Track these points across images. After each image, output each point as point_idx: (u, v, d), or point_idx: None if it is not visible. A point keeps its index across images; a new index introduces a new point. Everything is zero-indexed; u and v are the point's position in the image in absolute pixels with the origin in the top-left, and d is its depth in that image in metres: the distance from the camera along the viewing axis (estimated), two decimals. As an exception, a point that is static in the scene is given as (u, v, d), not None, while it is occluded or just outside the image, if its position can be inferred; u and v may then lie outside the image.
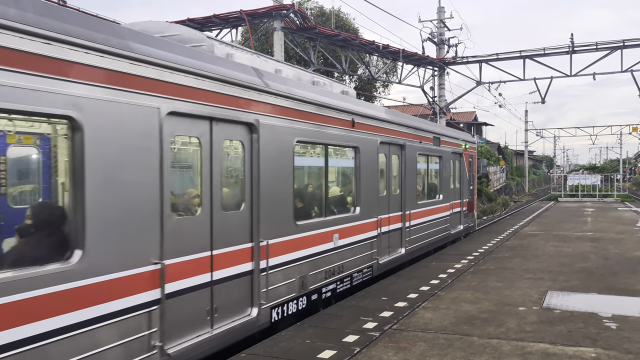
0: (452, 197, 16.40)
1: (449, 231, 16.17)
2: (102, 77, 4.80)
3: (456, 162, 17.13)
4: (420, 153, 13.65)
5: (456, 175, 17.14)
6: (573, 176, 54.67)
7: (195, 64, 5.97)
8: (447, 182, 15.94)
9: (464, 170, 18.07)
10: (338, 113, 9.36)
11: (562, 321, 7.73)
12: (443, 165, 15.47)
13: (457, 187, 17.25)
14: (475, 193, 20.00)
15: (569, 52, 26.28)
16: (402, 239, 12.37)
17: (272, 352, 6.52)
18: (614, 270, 11.71)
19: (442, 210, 15.36)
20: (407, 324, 7.67)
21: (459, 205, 17.35)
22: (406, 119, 13.07)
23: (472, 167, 19.30)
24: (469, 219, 18.78)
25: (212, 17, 19.26)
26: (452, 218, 16.35)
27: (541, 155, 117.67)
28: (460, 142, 17.65)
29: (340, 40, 22.44)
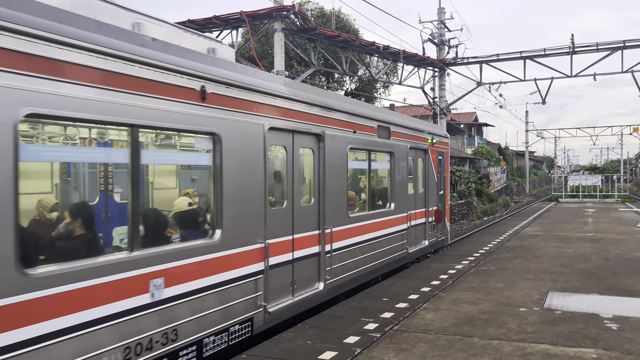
0: (411, 205, 12.91)
1: (406, 249, 12.62)
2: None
3: (418, 160, 13.76)
4: (355, 147, 10.09)
5: (418, 177, 13.79)
6: (574, 177, 54.65)
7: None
8: (402, 186, 12.41)
9: (431, 170, 14.62)
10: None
11: (563, 322, 7.73)
12: (396, 164, 11.97)
13: (421, 193, 13.92)
14: (447, 199, 16.66)
15: (570, 52, 26.28)
16: (321, 269, 8.83)
17: (273, 353, 6.53)
18: (615, 271, 11.71)
19: (395, 224, 11.93)
20: (408, 325, 7.67)
21: (423, 216, 13.94)
22: (326, 97, 9.30)
23: (443, 166, 16.04)
24: (438, 231, 15.19)
25: (212, 18, 19.28)
26: (411, 232, 12.87)
27: (542, 155, 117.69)
28: (426, 136, 14.17)
29: (340, 41, 22.45)
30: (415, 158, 13.47)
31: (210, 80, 6.29)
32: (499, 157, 63.22)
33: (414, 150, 13.37)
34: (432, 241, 14.64)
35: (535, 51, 27.13)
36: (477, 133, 68.82)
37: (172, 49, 5.88)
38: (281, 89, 7.87)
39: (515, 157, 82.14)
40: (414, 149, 13.35)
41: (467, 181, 43.46)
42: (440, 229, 15.48)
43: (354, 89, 36.31)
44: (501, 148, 72.06)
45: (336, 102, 9.51)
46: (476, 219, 37.20)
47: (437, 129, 16.36)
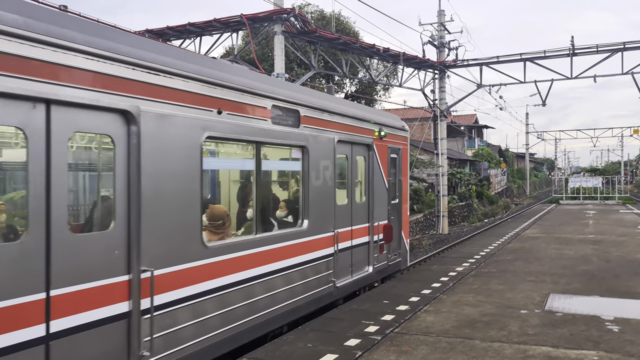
0: (341, 221, 9.50)
1: (333, 283, 9.16)
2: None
3: (356, 159, 10.26)
4: (222, 137, 6.72)
5: (356, 182, 10.31)
6: (574, 179, 54.64)
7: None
8: (324, 195, 8.96)
9: (378, 173, 11.05)
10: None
11: (564, 324, 7.71)
12: (312, 164, 8.54)
13: (361, 203, 10.41)
14: (405, 210, 12.81)
15: (570, 54, 26.26)
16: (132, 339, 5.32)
17: (274, 356, 6.51)
18: (616, 273, 11.70)
19: (309, 249, 8.50)
20: (409, 327, 7.65)
21: (365, 233, 10.40)
22: (149, 51, 5.72)
23: (399, 167, 12.29)
24: (390, 252, 11.53)
25: (212, 22, 19.28)
26: (341, 259, 9.43)
27: (542, 157, 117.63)
28: (370, 126, 10.69)
29: (340, 43, 22.46)
30: (350, 156, 9.91)
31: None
32: (500, 159, 63.23)
33: (348, 146, 9.78)
34: (379, 266, 10.93)
35: (535, 53, 27.12)
36: (478, 135, 68.82)
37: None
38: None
39: (515, 159, 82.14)
40: (348, 144, 9.76)
41: (467, 183, 43.45)
42: (394, 249, 11.81)
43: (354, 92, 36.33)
44: (501, 150, 72.06)
45: (170, 61, 5.84)
46: (477, 221, 37.19)
47: (389, 118, 12.10)
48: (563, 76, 27.48)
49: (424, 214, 32.06)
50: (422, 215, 31.71)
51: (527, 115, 74.91)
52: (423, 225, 31.37)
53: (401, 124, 12.72)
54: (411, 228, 29.46)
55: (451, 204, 36.06)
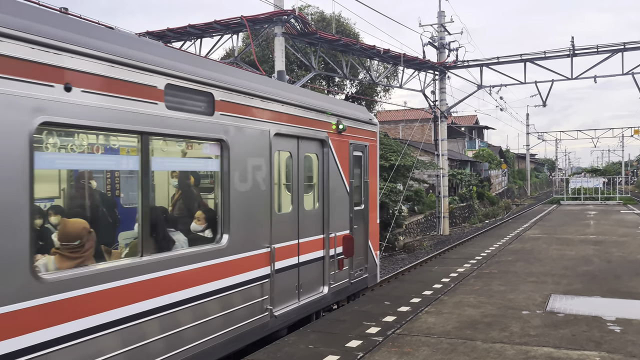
0: (280, 233, 7.67)
1: (269, 312, 7.33)
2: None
3: (303, 157, 8.46)
4: (93, 126, 5.01)
5: (302, 185, 8.46)
6: (575, 179, 54.63)
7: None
8: (255, 202, 7.14)
9: (336, 174, 9.28)
10: None
11: (566, 325, 7.70)
12: (235, 163, 6.73)
13: (313, 211, 8.71)
14: (374, 216, 10.96)
15: (570, 55, 26.27)
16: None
17: (275, 357, 6.51)
18: (617, 274, 11.68)
19: (232, 271, 6.67)
20: (411, 328, 7.65)
21: (318, 247, 8.74)
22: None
23: (366, 167, 10.50)
24: (353, 269, 9.87)
25: (212, 23, 19.29)
26: (279, 281, 7.60)
27: (543, 158, 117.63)
28: (325, 118, 8.94)
29: (341, 45, 22.47)
30: (296, 153, 8.14)
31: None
32: (500, 159, 63.22)
33: (292, 140, 8.03)
34: (337, 286, 9.24)
35: (536, 54, 27.14)
36: (478, 136, 68.83)
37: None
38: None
39: (516, 159, 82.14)
40: (292, 138, 8.01)
41: (468, 184, 43.45)
42: (359, 264, 10.12)
43: (354, 93, 36.35)
44: (502, 151, 72.05)
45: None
46: (478, 221, 37.18)
47: (352, 109, 10.41)
48: (563, 77, 27.49)
49: (425, 215, 32.06)
50: (422, 216, 31.71)
51: (527, 116, 74.97)
52: (424, 226, 31.37)
53: (368, 117, 10.78)
54: (412, 229, 29.44)
55: (452, 204, 36.06)
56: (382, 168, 24.69)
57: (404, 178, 26.34)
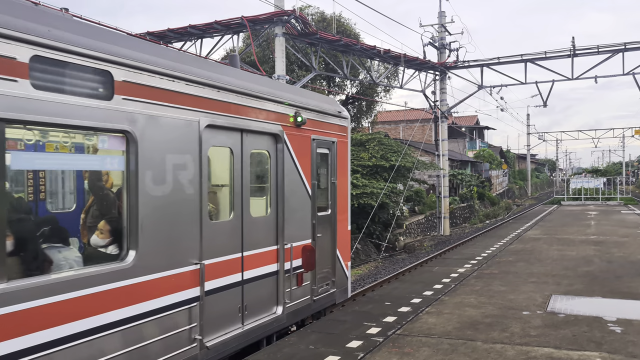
0: (215, 247, 6.38)
1: (199, 343, 6.00)
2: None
3: (249, 154, 7.05)
4: None
5: (248, 187, 7.05)
6: (576, 179, 54.63)
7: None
8: (178, 209, 5.81)
9: (292, 173, 7.91)
10: None
11: (567, 325, 7.70)
12: (147, 160, 5.38)
13: (262, 218, 7.34)
14: (343, 221, 9.51)
15: (571, 55, 26.26)
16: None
17: (275, 358, 6.51)
18: (618, 274, 11.67)
19: (138, 297, 5.30)
20: (411, 329, 7.64)
21: (271, 260, 7.44)
22: None
23: (333, 167, 9.16)
24: (315, 284, 8.46)
25: (213, 24, 19.29)
26: (216, 304, 6.34)
27: (544, 158, 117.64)
28: (280, 109, 7.60)
29: (341, 45, 22.46)
30: (238, 150, 6.80)
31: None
32: (501, 160, 63.23)
33: (233, 134, 6.70)
34: (295, 305, 7.85)
35: (536, 54, 27.13)
36: (479, 136, 68.86)
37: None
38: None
39: (517, 160, 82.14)
40: (233, 132, 6.68)
41: (468, 184, 43.46)
42: (323, 278, 8.76)
43: (355, 93, 36.35)
44: (503, 151, 72.06)
45: None
46: (478, 222, 37.18)
47: (316, 99, 9.02)
48: (564, 77, 27.48)
49: (425, 215, 32.06)
50: (423, 216, 31.71)
51: (528, 116, 75.02)
52: (424, 227, 31.37)
53: (336, 109, 9.33)
54: (412, 229, 29.42)
55: (452, 205, 36.06)
56: (383, 168, 24.70)
57: (405, 178, 26.33)
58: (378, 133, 28.24)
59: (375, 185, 22.92)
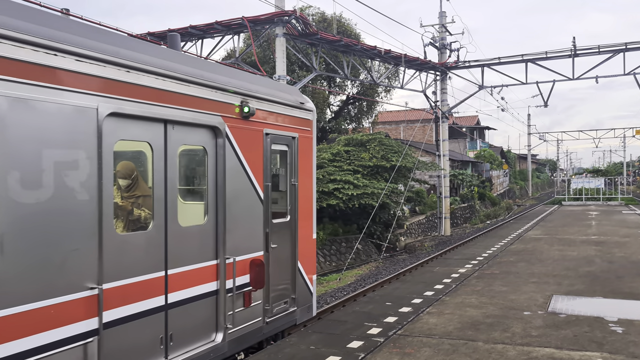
0: (122, 266, 5.10)
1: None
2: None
3: (175, 150, 5.82)
4: None
5: (176, 190, 5.85)
6: (577, 180, 54.61)
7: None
8: (58, 220, 4.50)
9: (238, 174, 6.73)
10: None
11: (568, 325, 7.69)
12: (14, 159, 4.18)
13: (196, 227, 6.17)
14: (306, 228, 8.21)
15: (571, 55, 26.26)
16: None
17: (276, 359, 6.50)
18: (619, 274, 11.66)
19: (10, 333, 4.08)
20: (412, 329, 7.64)
21: (210, 277, 6.27)
22: None
23: (293, 165, 7.96)
24: (268, 303, 7.26)
25: (214, 24, 19.30)
26: (125, 337, 5.11)
27: (544, 159, 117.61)
28: (221, 97, 6.42)
29: (342, 45, 22.47)
30: (160, 145, 5.62)
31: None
32: (502, 160, 63.22)
33: (151, 125, 5.50)
34: (241, 330, 6.68)
35: (537, 54, 27.12)
36: (480, 136, 68.84)
37: None
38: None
39: (517, 160, 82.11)
40: (152, 122, 5.50)
41: (469, 185, 43.45)
42: (280, 296, 7.57)
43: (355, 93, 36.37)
44: (503, 151, 72.05)
45: None
46: (479, 222, 37.16)
47: (271, 86, 7.78)
48: (565, 77, 27.47)
49: (426, 215, 32.05)
50: (424, 216, 31.71)
51: (528, 117, 74.91)
52: (425, 227, 31.36)
53: (297, 99, 8.04)
54: (413, 229, 29.42)
55: (453, 205, 36.05)
56: (384, 169, 24.69)
57: (405, 179, 26.33)
58: (379, 133, 28.23)
59: (376, 186, 22.93)
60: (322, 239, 21.36)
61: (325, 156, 24.17)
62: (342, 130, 36.75)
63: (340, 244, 22.76)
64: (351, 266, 20.41)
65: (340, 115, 37.45)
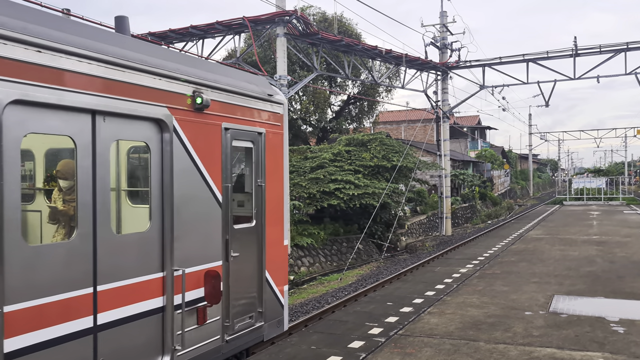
0: (41, 282, 4.34)
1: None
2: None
3: (109, 147, 4.97)
4: None
5: (107, 191, 4.95)
6: (578, 179, 54.56)
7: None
8: None
9: (190, 174, 5.85)
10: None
11: (569, 325, 7.68)
12: None
13: (142, 233, 5.32)
14: (274, 234, 7.32)
15: (573, 55, 26.23)
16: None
17: (277, 359, 6.50)
18: (621, 274, 11.65)
19: None
20: (413, 329, 7.63)
21: (155, 292, 5.40)
22: None
23: (260, 164, 7.09)
24: (228, 319, 6.36)
25: (214, 24, 19.30)
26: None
27: (546, 158, 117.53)
28: (174, 86, 5.63)
29: (343, 45, 22.45)
30: (87, 140, 4.79)
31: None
32: (503, 160, 63.16)
33: (74, 117, 4.68)
34: (193, 351, 5.87)
35: (538, 54, 27.10)
36: (481, 136, 68.79)
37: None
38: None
39: (518, 160, 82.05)
40: (76, 113, 4.69)
41: (470, 184, 43.42)
42: (244, 311, 6.69)
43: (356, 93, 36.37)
44: (505, 151, 72.00)
45: None
46: (480, 222, 37.13)
47: (232, 75, 6.81)
48: (566, 77, 27.44)
49: (427, 215, 32.03)
50: (425, 216, 31.69)
51: (530, 116, 74.84)
52: (426, 227, 31.34)
53: (265, 91, 7.18)
54: (414, 229, 29.40)
55: (454, 205, 36.03)
56: (385, 169, 24.68)
57: (406, 179, 26.32)
58: (380, 133, 28.20)
59: (377, 186, 22.92)
60: (323, 239, 21.35)
61: (327, 156, 24.17)
62: (343, 130, 36.74)
63: (341, 244, 22.76)
64: (352, 266, 20.40)
65: (341, 115, 37.44)
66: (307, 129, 36.22)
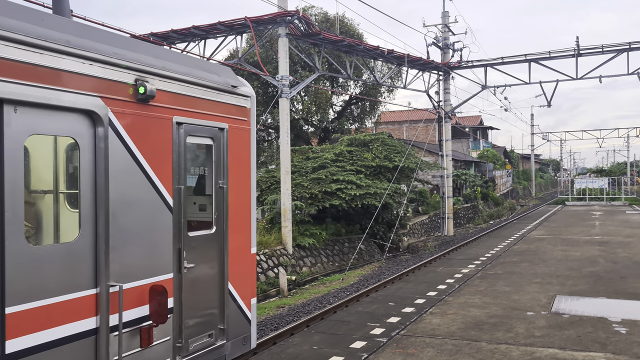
0: None
1: None
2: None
3: (22, 143, 4.10)
4: None
5: (20, 194, 4.05)
6: (580, 180, 54.49)
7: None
8: None
9: (131, 175, 4.98)
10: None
11: (571, 326, 7.67)
12: None
13: (68, 244, 4.48)
14: (241, 242, 6.36)
15: (575, 55, 26.19)
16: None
17: (279, 359, 6.51)
18: (623, 275, 11.63)
19: None
20: (415, 329, 7.63)
21: (88, 312, 4.56)
22: None
23: (222, 163, 6.12)
24: (181, 339, 5.48)
25: (216, 24, 19.31)
26: None
27: (548, 158, 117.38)
28: (111, 74, 4.79)
29: (344, 45, 22.45)
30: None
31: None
32: (505, 160, 63.12)
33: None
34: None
35: (540, 54, 27.07)
36: (483, 136, 68.73)
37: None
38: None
39: (521, 160, 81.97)
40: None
41: (472, 185, 43.39)
42: (203, 329, 5.90)
43: (358, 94, 36.37)
44: (507, 151, 71.94)
45: None
46: (482, 222, 37.10)
47: (186, 62, 5.96)
48: (568, 77, 27.41)
49: (429, 215, 32.01)
50: (427, 217, 31.67)
51: (532, 116, 74.77)
52: (428, 227, 31.32)
53: (227, 81, 6.34)
54: (416, 229, 29.39)
55: (456, 205, 36.00)
56: (386, 169, 24.67)
57: (408, 179, 26.30)
58: (382, 133, 28.20)
59: (379, 186, 22.91)
60: (325, 239, 21.35)
61: (328, 156, 24.16)
62: (344, 131, 36.74)
63: (343, 244, 22.75)
64: (354, 266, 20.38)
65: (343, 116, 37.45)
66: (309, 129, 36.24)
